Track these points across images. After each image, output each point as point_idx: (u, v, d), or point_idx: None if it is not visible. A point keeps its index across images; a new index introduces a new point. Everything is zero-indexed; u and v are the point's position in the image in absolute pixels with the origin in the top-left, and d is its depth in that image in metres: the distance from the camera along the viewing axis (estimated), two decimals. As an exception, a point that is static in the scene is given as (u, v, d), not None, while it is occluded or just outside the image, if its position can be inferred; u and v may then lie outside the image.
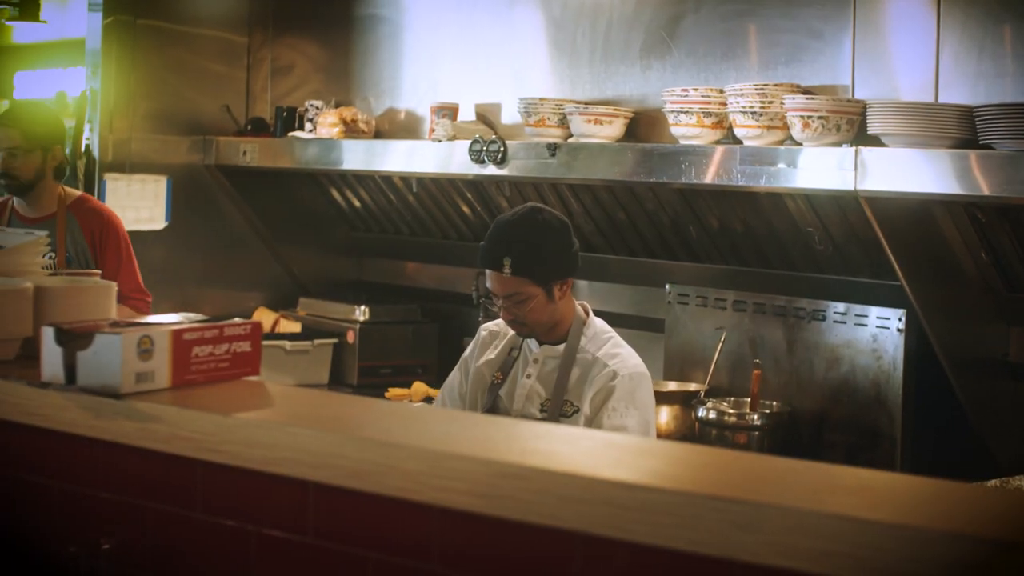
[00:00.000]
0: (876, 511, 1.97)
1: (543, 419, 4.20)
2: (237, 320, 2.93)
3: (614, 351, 4.26)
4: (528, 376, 4.30)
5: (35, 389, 2.82)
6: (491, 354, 4.42)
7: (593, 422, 4.16)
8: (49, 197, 5.68)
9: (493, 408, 4.30)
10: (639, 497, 2.09)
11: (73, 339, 2.76)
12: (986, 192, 4.21)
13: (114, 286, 3.24)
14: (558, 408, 4.21)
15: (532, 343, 4.33)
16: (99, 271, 5.61)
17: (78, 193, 5.83)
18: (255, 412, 2.65)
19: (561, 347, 4.28)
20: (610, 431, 4.11)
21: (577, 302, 4.36)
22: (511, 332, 4.38)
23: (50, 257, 5.56)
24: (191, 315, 2.99)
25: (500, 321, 4.40)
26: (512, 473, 2.22)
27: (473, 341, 4.51)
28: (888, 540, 1.90)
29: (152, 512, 2.73)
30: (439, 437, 2.49)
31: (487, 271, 4.23)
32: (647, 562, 2.10)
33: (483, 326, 4.51)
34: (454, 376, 4.51)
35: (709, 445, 5.07)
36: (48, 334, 2.79)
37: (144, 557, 2.73)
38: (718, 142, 5.05)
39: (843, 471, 2.25)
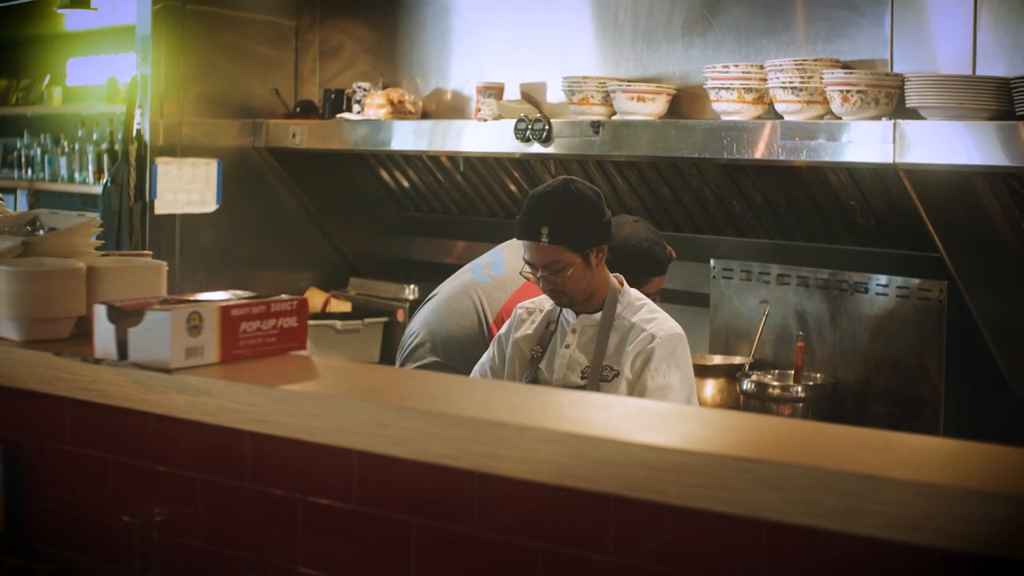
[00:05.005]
0: (900, 470, 2.02)
1: (584, 385, 4.29)
2: (284, 296, 2.99)
3: (650, 316, 4.34)
4: (567, 346, 4.37)
5: (89, 365, 2.89)
6: (528, 329, 4.48)
7: (636, 385, 4.24)
8: None
9: (534, 380, 4.37)
10: (670, 459, 2.15)
11: (124, 316, 2.83)
12: (1024, 163, 4.23)
13: (164, 265, 3.31)
14: (598, 373, 4.28)
15: (569, 315, 4.40)
16: None
17: None
18: (301, 384, 2.72)
19: (598, 315, 4.35)
20: (655, 391, 4.21)
21: (612, 274, 4.43)
22: (547, 307, 4.46)
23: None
24: (239, 292, 3.07)
25: (536, 299, 4.49)
26: (549, 438, 2.29)
27: (509, 320, 4.58)
28: (913, 497, 1.95)
29: (203, 482, 2.80)
30: (479, 405, 2.55)
31: (525, 242, 4.32)
32: (679, 522, 2.16)
33: (519, 304, 4.59)
34: (486, 355, 4.60)
35: (754, 417, 5.10)
36: (100, 312, 2.86)
37: (195, 526, 2.80)
38: (759, 117, 5.08)
39: (868, 433, 2.30)
